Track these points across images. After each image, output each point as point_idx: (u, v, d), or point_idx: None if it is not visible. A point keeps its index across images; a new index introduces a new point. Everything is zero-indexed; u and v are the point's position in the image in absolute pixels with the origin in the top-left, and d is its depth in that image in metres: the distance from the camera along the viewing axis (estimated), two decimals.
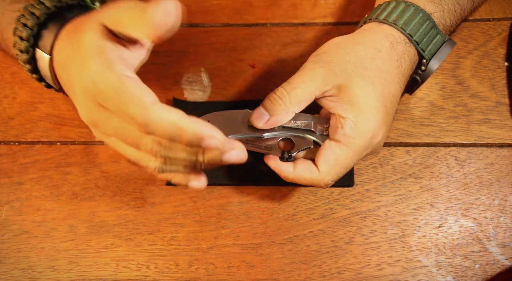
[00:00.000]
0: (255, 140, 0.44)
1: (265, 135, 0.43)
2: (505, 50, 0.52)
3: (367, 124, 0.40)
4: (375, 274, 0.47)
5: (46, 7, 0.41)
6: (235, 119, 0.44)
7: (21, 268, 0.48)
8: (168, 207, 0.49)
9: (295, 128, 0.43)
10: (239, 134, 0.44)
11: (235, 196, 0.50)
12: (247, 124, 0.44)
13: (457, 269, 0.46)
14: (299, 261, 0.48)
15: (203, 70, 0.54)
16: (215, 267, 0.48)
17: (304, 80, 0.42)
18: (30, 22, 0.41)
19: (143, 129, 0.34)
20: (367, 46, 0.42)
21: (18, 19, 0.41)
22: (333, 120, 0.42)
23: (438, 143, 0.50)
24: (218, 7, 0.56)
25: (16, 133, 0.52)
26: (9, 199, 0.50)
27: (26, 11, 0.41)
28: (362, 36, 0.43)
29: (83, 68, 0.36)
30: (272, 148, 0.43)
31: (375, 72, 0.41)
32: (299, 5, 0.56)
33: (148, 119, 0.33)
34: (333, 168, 0.41)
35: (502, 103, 0.50)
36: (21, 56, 0.42)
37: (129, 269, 0.48)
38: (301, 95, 0.41)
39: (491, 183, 0.49)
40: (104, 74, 0.35)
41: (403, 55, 0.42)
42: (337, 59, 0.42)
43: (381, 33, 0.43)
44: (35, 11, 0.41)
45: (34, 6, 0.41)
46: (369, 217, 0.48)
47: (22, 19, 0.41)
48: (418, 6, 0.43)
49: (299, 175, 0.42)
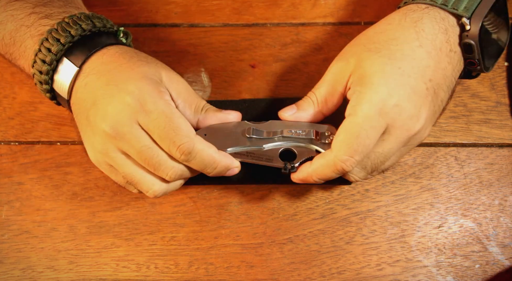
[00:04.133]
0: (255, 152, 0.43)
1: (266, 146, 0.43)
2: (505, 50, 0.52)
3: (373, 87, 0.38)
4: (375, 274, 0.47)
5: (71, 36, 0.41)
6: (233, 131, 0.43)
7: (21, 268, 0.48)
8: (168, 207, 0.49)
9: (296, 138, 0.42)
10: (240, 146, 0.43)
11: (235, 196, 0.50)
12: (247, 136, 0.43)
13: (457, 269, 0.46)
14: (299, 261, 0.48)
15: (203, 70, 0.54)
16: (215, 267, 0.48)
17: (326, 80, 0.42)
18: (55, 48, 0.41)
19: (184, 157, 0.39)
20: (377, 25, 0.42)
21: (41, 42, 0.41)
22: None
23: (438, 143, 0.50)
24: (218, 7, 0.56)
25: (16, 133, 0.52)
26: (9, 199, 0.50)
27: (51, 36, 0.41)
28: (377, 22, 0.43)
29: (131, 87, 0.39)
30: (273, 160, 0.42)
31: (383, 42, 0.40)
32: (299, 5, 0.56)
33: (193, 149, 0.39)
34: (343, 140, 0.38)
35: (502, 103, 0.50)
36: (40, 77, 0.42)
37: (129, 269, 0.48)
38: (325, 94, 0.42)
39: (491, 183, 0.49)
40: (156, 97, 0.39)
41: (421, 19, 0.40)
42: (348, 48, 0.42)
43: (396, 11, 0.42)
44: (61, 38, 0.41)
45: (58, 32, 0.41)
46: (369, 217, 0.48)
47: (46, 44, 0.41)
48: None
49: (316, 166, 0.40)
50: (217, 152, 0.41)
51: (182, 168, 0.41)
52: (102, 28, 0.43)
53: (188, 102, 0.43)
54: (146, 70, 0.41)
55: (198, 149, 0.39)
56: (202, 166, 0.41)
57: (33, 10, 0.43)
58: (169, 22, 0.56)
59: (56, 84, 0.42)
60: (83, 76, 0.41)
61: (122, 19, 0.56)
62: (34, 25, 0.42)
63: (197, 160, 0.40)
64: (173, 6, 0.56)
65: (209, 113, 0.43)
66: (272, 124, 0.44)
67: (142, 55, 0.43)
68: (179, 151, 0.39)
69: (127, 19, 0.56)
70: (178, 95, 0.42)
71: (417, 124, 0.39)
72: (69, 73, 0.41)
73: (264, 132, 0.43)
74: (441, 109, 0.42)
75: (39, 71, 0.42)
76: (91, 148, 0.42)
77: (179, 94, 0.42)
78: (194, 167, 0.41)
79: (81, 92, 0.41)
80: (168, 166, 0.40)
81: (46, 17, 0.42)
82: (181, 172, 0.41)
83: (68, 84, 0.41)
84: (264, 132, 0.43)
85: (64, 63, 0.41)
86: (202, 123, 0.43)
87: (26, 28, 0.42)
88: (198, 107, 0.43)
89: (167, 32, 0.55)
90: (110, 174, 0.43)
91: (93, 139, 0.41)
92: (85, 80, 0.41)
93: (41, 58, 0.41)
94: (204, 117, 0.43)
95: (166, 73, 0.42)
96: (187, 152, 0.39)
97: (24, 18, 0.43)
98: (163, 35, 0.55)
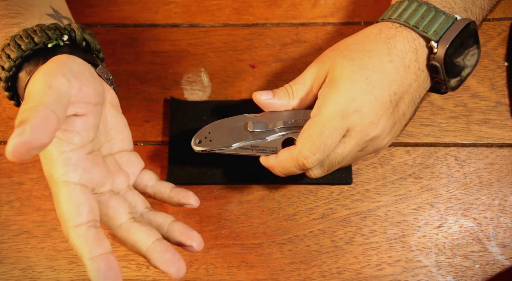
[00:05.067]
0: (259, 145, 0.44)
1: (268, 138, 0.44)
2: (505, 50, 0.52)
3: (339, 90, 0.41)
4: (375, 274, 0.47)
5: (22, 50, 0.39)
6: (236, 126, 0.44)
7: (21, 268, 0.48)
8: (168, 207, 0.49)
9: (296, 126, 0.43)
10: (244, 141, 0.44)
11: (235, 196, 0.50)
12: (250, 129, 0.44)
13: (457, 269, 0.46)
14: (299, 261, 0.48)
15: (203, 70, 0.54)
16: (215, 267, 0.48)
17: (304, 78, 0.44)
18: (14, 54, 0.39)
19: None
20: (355, 35, 0.45)
21: (2, 48, 0.40)
22: None
23: (438, 143, 0.50)
24: (218, 7, 0.56)
25: None
26: (9, 199, 0.50)
27: (13, 42, 0.39)
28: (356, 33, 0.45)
29: None
30: (277, 150, 0.43)
31: (358, 52, 0.42)
32: (299, 5, 0.56)
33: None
34: (306, 138, 0.40)
35: (502, 103, 0.50)
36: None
37: (129, 269, 0.48)
38: (301, 90, 0.44)
39: (491, 183, 0.49)
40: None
41: (394, 37, 0.42)
42: (327, 52, 0.44)
43: (373, 25, 0.45)
44: (14, 51, 0.39)
45: (16, 42, 0.39)
46: (369, 217, 0.48)
47: (6, 50, 0.39)
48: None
49: (280, 158, 0.42)
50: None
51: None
52: (45, 41, 0.40)
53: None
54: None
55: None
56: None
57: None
58: (169, 22, 0.56)
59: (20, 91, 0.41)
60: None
61: (122, 19, 0.56)
62: None
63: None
64: (173, 6, 0.56)
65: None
66: (271, 115, 0.45)
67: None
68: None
69: (127, 19, 0.56)
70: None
71: (375, 130, 0.41)
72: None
73: (266, 124, 0.44)
74: (402, 121, 0.44)
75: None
76: None
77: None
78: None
79: None
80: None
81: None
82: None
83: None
84: (265, 124, 0.44)
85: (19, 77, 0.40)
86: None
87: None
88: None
89: (167, 32, 0.55)
90: None
91: None
92: None
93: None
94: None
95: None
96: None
97: None
98: (163, 35, 0.55)
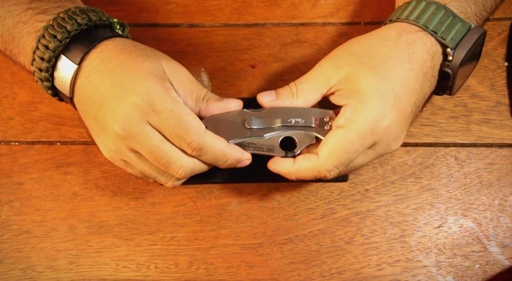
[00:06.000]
0: (256, 142, 0.43)
1: (266, 136, 0.43)
2: (505, 50, 0.52)
3: (369, 104, 0.39)
4: (375, 274, 0.47)
5: (68, 31, 0.41)
6: (234, 121, 0.44)
7: (21, 268, 0.48)
8: (168, 207, 0.49)
9: (295, 126, 0.42)
10: (241, 137, 0.43)
11: (235, 196, 0.50)
12: (247, 126, 0.43)
13: (457, 269, 0.46)
14: (299, 261, 0.48)
15: (203, 70, 0.54)
16: (215, 267, 0.48)
17: (311, 77, 0.43)
18: (52, 44, 0.41)
19: (195, 153, 0.41)
20: (372, 37, 0.43)
21: (38, 39, 0.41)
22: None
23: (438, 143, 0.50)
24: (218, 7, 0.56)
25: (16, 133, 0.52)
26: (9, 199, 0.50)
27: (47, 33, 0.41)
28: (370, 32, 0.44)
29: (139, 88, 0.40)
30: (275, 149, 0.43)
31: (378, 59, 0.41)
32: (299, 5, 0.56)
33: (203, 145, 0.40)
34: (333, 152, 0.40)
35: (502, 103, 0.50)
36: (40, 74, 0.42)
37: (129, 269, 0.48)
38: (306, 89, 0.43)
39: (491, 183, 0.49)
40: (164, 96, 0.40)
41: (414, 43, 0.41)
42: (341, 53, 0.43)
43: (390, 26, 0.43)
44: (57, 34, 0.41)
45: (54, 28, 0.41)
46: (369, 217, 0.48)
47: (43, 41, 0.41)
48: (430, 0, 0.42)
49: (299, 167, 0.41)
50: (228, 145, 0.42)
51: (193, 166, 0.42)
52: (98, 21, 0.42)
53: (190, 92, 0.43)
54: (149, 66, 0.41)
55: (209, 145, 0.41)
56: (213, 160, 0.42)
57: (29, 5, 0.43)
58: (169, 22, 0.56)
59: (57, 81, 0.42)
60: (84, 75, 0.41)
61: (122, 19, 0.55)
62: (31, 21, 0.42)
63: (208, 155, 0.41)
64: (173, 6, 0.56)
65: (210, 102, 0.44)
66: (271, 111, 0.44)
67: (140, 48, 0.43)
68: (190, 147, 0.40)
69: (127, 19, 0.56)
70: (179, 85, 0.42)
71: (397, 144, 0.41)
72: (69, 71, 0.41)
73: (264, 121, 0.43)
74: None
75: (38, 69, 0.42)
76: (104, 146, 0.43)
77: (180, 84, 0.42)
78: (206, 161, 0.42)
79: (85, 92, 0.41)
80: (177, 165, 0.41)
81: (42, 12, 0.42)
82: (190, 171, 0.42)
83: (69, 82, 0.41)
84: (264, 122, 0.43)
85: (62, 60, 0.41)
86: (204, 112, 0.44)
87: (23, 24, 0.42)
88: (199, 97, 0.44)
89: (167, 32, 0.55)
90: (126, 168, 0.44)
91: (105, 138, 0.42)
92: (87, 79, 0.41)
93: (39, 56, 0.41)
94: (206, 107, 0.44)
95: (167, 64, 0.42)
96: (198, 149, 0.40)
97: (20, 14, 0.43)
98: (163, 35, 0.55)
